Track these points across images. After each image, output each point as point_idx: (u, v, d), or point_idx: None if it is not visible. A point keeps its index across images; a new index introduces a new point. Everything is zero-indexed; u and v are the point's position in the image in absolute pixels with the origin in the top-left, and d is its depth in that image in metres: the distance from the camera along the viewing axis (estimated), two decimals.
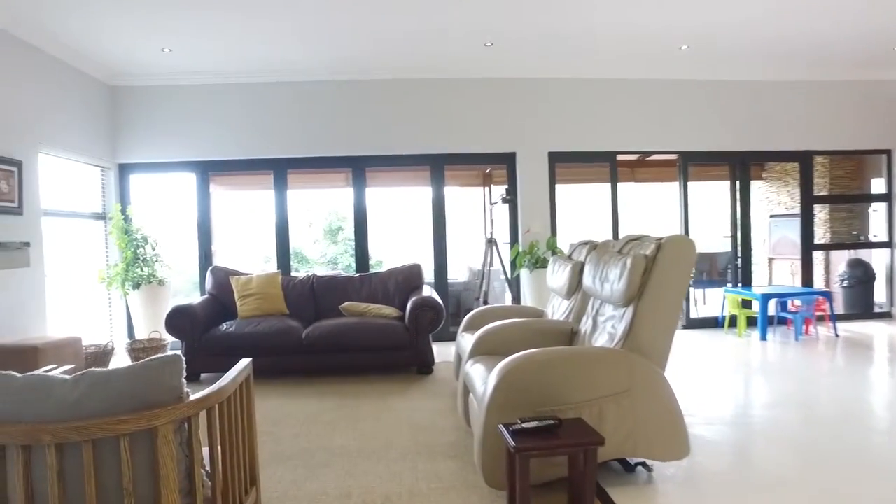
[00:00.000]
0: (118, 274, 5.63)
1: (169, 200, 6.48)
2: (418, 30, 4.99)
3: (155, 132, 6.06)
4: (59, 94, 5.19)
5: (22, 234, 4.61)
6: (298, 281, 5.51)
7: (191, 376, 4.83)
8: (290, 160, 6.17)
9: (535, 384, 2.44)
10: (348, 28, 4.90)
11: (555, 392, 2.44)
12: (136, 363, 1.62)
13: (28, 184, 4.72)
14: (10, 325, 4.47)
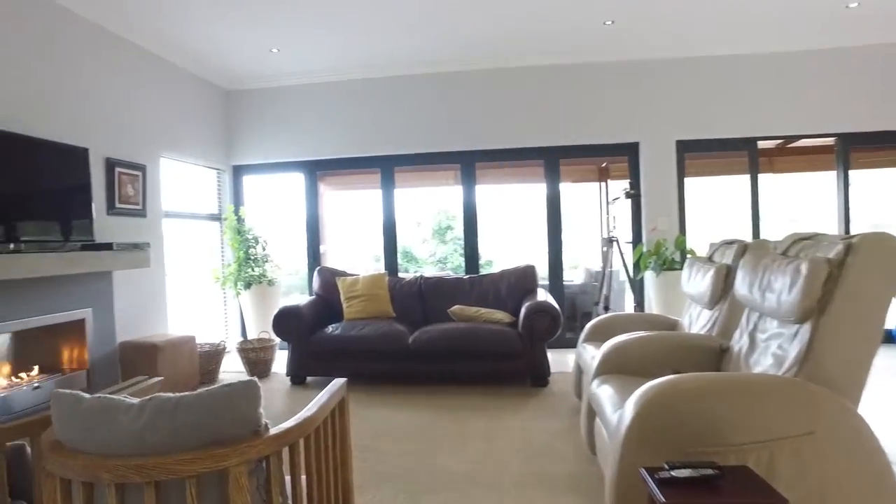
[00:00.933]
0: (231, 274, 5.72)
1: (279, 201, 6.53)
2: (530, 11, 4.57)
3: (266, 133, 6.12)
4: (179, 100, 5.33)
5: (145, 235, 4.75)
6: (406, 282, 5.29)
7: (297, 379, 4.75)
8: (397, 157, 5.98)
9: (684, 418, 1.96)
10: (454, 14, 4.59)
11: (711, 430, 1.95)
12: (206, 390, 1.37)
13: (151, 187, 4.86)
14: (134, 322, 4.60)
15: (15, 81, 3.64)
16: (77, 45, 4.15)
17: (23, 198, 3.50)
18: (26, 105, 3.71)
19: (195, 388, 4.30)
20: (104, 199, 4.33)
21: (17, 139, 3.48)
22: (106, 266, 3.91)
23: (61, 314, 3.76)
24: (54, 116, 3.92)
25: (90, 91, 4.25)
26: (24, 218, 3.50)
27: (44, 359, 3.84)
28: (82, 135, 4.13)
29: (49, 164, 3.69)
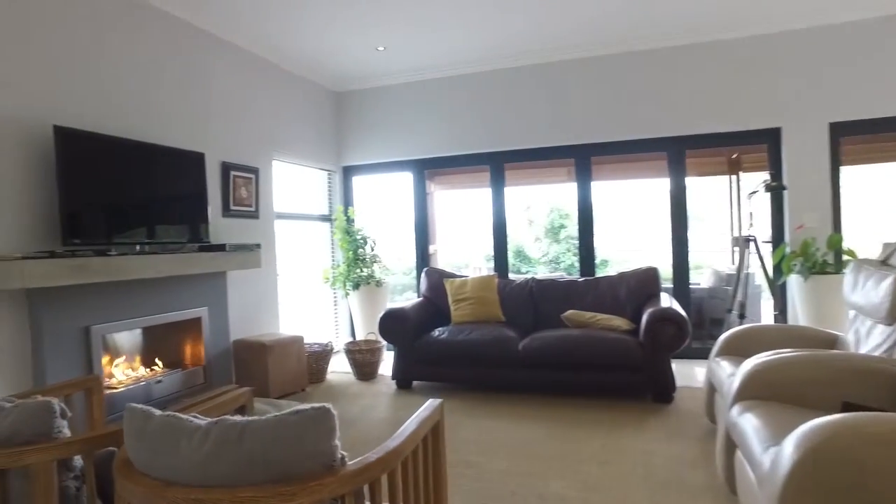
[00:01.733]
0: (340, 274, 5.75)
1: (388, 201, 6.50)
2: None
3: (374, 133, 6.10)
4: (290, 103, 5.43)
5: (258, 236, 4.86)
6: (516, 285, 5.01)
7: (402, 383, 4.64)
8: (507, 153, 5.71)
9: (870, 472, 1.53)
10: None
11: None
12: (275, 416, 1.19)
13: (263, 189, 4.97)
14: (247, 321, 4.72)
15: (141, 94, 3.81)
16: (194, 55, 4.30)
17: (148, 202, 3.65)
18: (151, 115, 3.88)
19: (303, 389, 4.30)
20: (219, 202, 4.47)
21: (144, 148, 3.63)
22: (219, 266, 4.00)
23: (182, 312, 3.90)
24: (175, 124, 4.08)
25: (206, 98, 4.40)
26: (150, 221, 3.65)
27: (167, 354, 4.00)
28: (199, 140, 4.28)
29: (171, 169, 3.83)
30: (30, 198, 3.12)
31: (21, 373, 3.05)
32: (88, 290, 3.26)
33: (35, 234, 3.14)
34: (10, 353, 3.00)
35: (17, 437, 1.46)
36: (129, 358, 3.80)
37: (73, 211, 3.16)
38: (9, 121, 3.03)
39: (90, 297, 3.28)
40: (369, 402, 4.31)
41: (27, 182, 3.11)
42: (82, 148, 3.25)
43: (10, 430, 1.45)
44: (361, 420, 3.87)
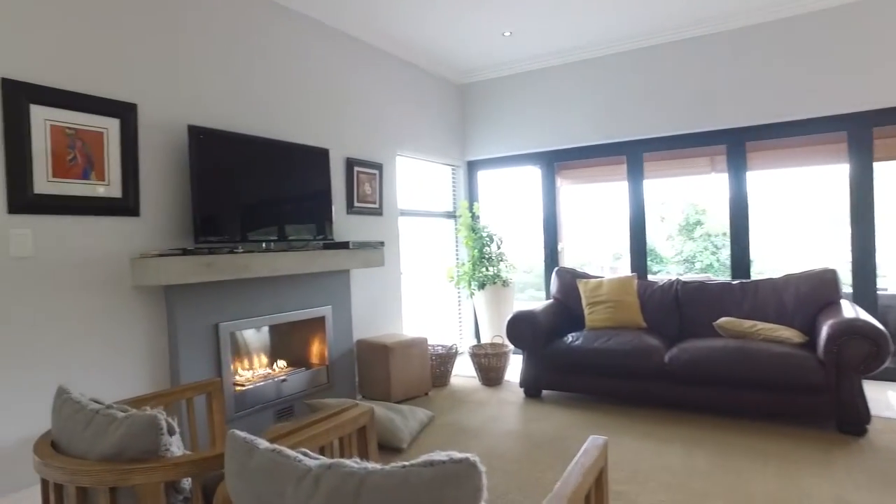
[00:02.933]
0: (465, 273, 5.51)
1: (514, 196, 6.17)
2: None
3: (499, 126, 5.80)
4: (414, 97, 5.28)
5: (381, 234, 4.75)
6: (658, 287, 4.47)
7: (531, 391, 4.29)
8: (646, 142, 5.15)
9: None
10: None
11: None
12: (401, 466, 0.91)
13: (387, 185, 4.85)
14: (370, 321, 4.62)
15: (268, 92, 3.80)
16: (319, 52, 4.24)
17: (275, 200, 3.62)
18: (277, 113, 3.86)
19: (426, 393, 4.09)
20: (344, 199, 4.39)
21: (271, 145, 3.61)
22: (342, 265, 3.90)
23: (306, 311, 3.84)
24: (300, 121, 4.04)
25: (331, 94, 4.33)
26: (277, 219, 3.62)
27: (291, 353, 3.98)
28: (324, 137, 4.22)
29: (297, 166, 3.78)
30: (169, 196, 3.17)
31: (159, 367, 3.10)
32: (217, 288, 3.27)
33: (174, 232, 3.18)
34: (152, 347, 3.06)
35: (126, 453, 1.32)
36: (256, 355, 3.81)
37: (205, 209, 3.16)
38: (150, 125, 3.08)
39: (219, 294, 3.28)
40: (495, 410, 4.02)
41: (166, 181, 3.16)
42: (214, 146, 3.25)
43: (119, 445, 1.31)
44: (486, 431, 3.58)
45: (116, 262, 2.93)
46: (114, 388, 2.91)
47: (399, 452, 3.24)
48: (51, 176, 2.69)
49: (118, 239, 2.94)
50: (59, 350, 2.72)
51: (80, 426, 1.40)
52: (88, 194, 2.82)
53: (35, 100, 2.64)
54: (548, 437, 3.44)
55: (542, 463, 3.04)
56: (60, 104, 2.72)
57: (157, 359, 3.09)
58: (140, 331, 3.02)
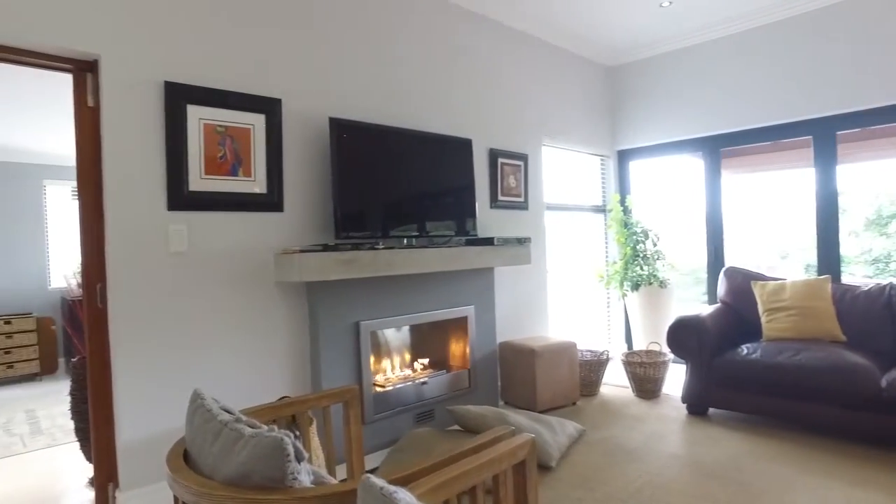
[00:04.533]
0: (616, 273, 5.03)
1: (670, 189, 5.55)
2: None
3: (654, 111, 5.23)
4: (560, 83, 4.90)
5: (526, 229, 4.45)
6: (862, 293, 3.71)
7: (695, 408, 3.75)
8: (840, 119, 4.32)
9: None
10: None
11: None
12: None
13: (532, 177, 4.54)
14: (514, 322, 4.35)
15: (409, 81, 3.67)
16: (459, 37, 4.04)
17: (417, 193, 3.47)
18: (418, 102, 3.71)
19: (574, 402, 3.71)
20: (487, 192, 4.15)
21: (413, 136, 3.46)
22: (486, 262, 3.65)
23: (448, 310, 3.66)
24: (442, 111, 3.86)
25: (472, 81, 4.11)
26: (418, 213, 3.47)
27: (432, 354, 3.82)
28: (466, 127, 4.01)
29: (439, 158, 3.60)
30: (310, 191, 3.13)
31: (299, 365, 3.06)
32: (358, 286, 3.17)
33: (315, 228, 3.14)
34: (293, 344, 3.03)
35: (251, 478, 1.15)
36: (395, 356, 3.69)
37: (347, 203, 3.08)
38: (293, 119, 3.06)
39: (360, 292, 3.18)
40: (654, 428, 3.55)
41: (308, 176, 3.12)
42: (355, 138, 3.16)
43: (244, 468, 1.15)
44: (648, 453, 3.14)
45: (261, 257, 2.93)
46: (255, 385, 2.91)
47: (547, 471, 2.92)
48: (203, 173, 2.72)
49: (263, 234, 2.94)
50: (206, 344, 2.76)
51: (208, 438, 1.27)
52: (236, 190, 2.83)
53: (191, 100, 2.69)
54: (721, 466, 2.93)
55: (720, 501, 2.56)
56: (212, 103, 2.76)
57: (297, 356, 3.06)
58: (281, 327, 3.00)
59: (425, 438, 3.07)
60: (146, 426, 2.57)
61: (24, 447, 3.80)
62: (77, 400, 2.93)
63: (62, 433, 4.03)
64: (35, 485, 3.15)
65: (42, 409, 4.79)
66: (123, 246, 2.52)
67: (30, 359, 6.00)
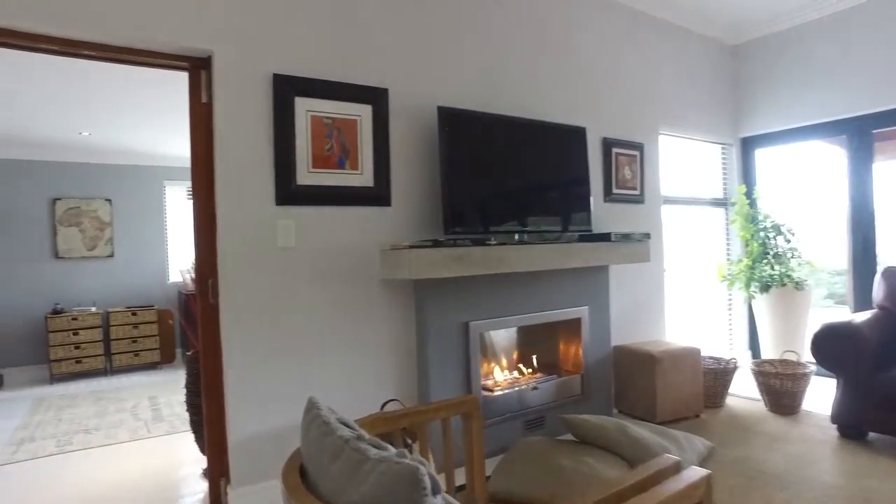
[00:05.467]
0: (741, 272, 4.55)
1: (803, 177, 4.94)
2: None
3: (784, 91, 4.67)
4: (678, 65, 4.49)
5: (642, 224, 4.11)
6: None
7: (849, 431, 3.27)
8: None
9: None
10: None
11: None
12: None
13: (648, 168, 4.19)
14: (628, 325, 4.02)
15: (518, 67, 3.45)
16: (573, 18, 3.77)
17: (528, 185, 3.25)
18: (530, 89, 3.49)
19: (698, 415, 3.33)
20: (600, 184, 3.86)
21: (524, 125, 3.25)
22: (602, 260, 3.37)
23: (560, 311, 3.41)
24: (553, 97, 3.62)
25: (584, 65, 3.83)
26: (530, 207, 3.25)
27: (541, 358, 3.59)
28: (579, 114, 3.74)
29: (551, 148, 3.36)
30: (417, 184, 3.00)
31: (405, 367, 2.94)
32: (467, 284, 3.00)
33: (422, 222, 3.01)
34: (398, 344, 2.92)
35: None
36: (503, 359, 3.49)
37: (456, 196, 2.91)
38: (399, 110, 2.94)
39: (469, 291, 3.01)
40: (798, 449, 3.12)
41: (414, 168, 2.99)
42: (464, 128, 2.99)
43: (372, 498, 0.99)
44: (798, 481, 2.74)
45: (367, 253, 2.83)
46: (361, 386, 2.82)
47: None
48: (311, 167, 2.65)
49: (369, 229, 2.84)
50: (313, 341, 2.69)
51: (327, 455, 1.13)
52: (343, 184, 2.74)
53: (299, 92, 2.63)
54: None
55: None
56: (320, 94, 2.68)
57: (403, 357, 2.94)
58: (388, 326, 2.89)
59: (538, 448, 2.85)
60: (256, 423, 2.54)
61: (147, 432, 3.98)
62: (191, 393, 2.98)
63: (179, 421, 4.19)
64: (156, 470, 3.26)
65: (163, 397, 5.03)
66: (234, 241, 2.50)
67: (152, 348, 6.37)
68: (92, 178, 6.43)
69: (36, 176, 6.16)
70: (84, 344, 6.00)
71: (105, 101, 4.45)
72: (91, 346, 6.03)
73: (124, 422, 4.28)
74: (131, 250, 6.63)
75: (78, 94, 4.28)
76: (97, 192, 6.46)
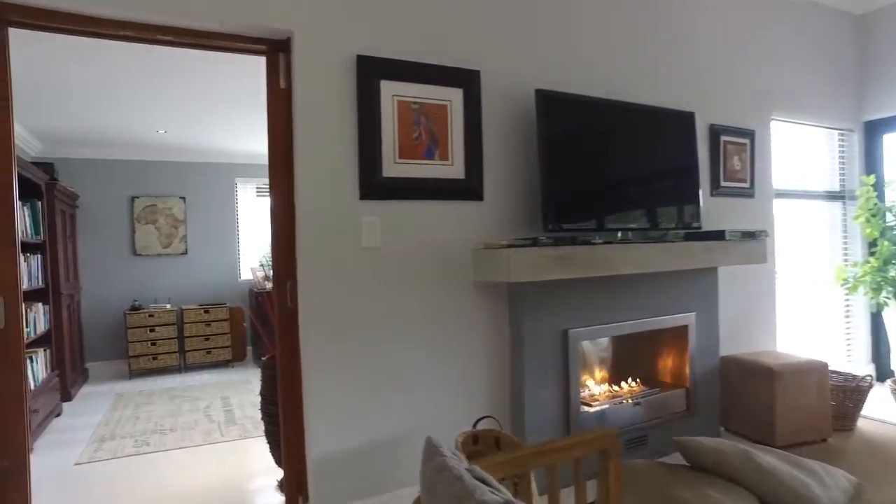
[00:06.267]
0: (866, 274, 4.01)
1: None
2: None
3: None
4: (794, 43, 3.99)
5: (751, 220, 3.67)
6: None
7: None
8: None
9: None
10: None
11: None
12: None
13: (759, 158, 3.73)
14: (736, 333, 3.60)
15: (618, 45, 3.09)
16: None
17: (633, 178, 2.90)
18: (635, 72, 3.13)
19: (825, 439, 2.76)
20: (707, 177, 3.45)
21: (630, 110, 2.90)
22: (715, 261, 2.97)
23: (666, 318, 3.03)
24: (660, 80, 3.24)
25: (690, 42, 3.42)
26: (635, 202, 2.90)
27: (640, 369, 3.23)
28: (685, 97, 3.34)
29: (657, 136, 2.99)
30: (511, 176, 2.70)
31: (498, 379, 2.66)
32: (566, 287, 2.68)
33: (517, 218, 2.71)
34: (490, 355, 2.64)
35: None
36: (596, 369, 3.16)
37: (556, 190, 2.60)
38: (491, 94, 2.65)
39: (566, 295, 2.69)
40: None
41: (508, 158, 2.70)
42: (564, 113, 2.67)
43: None
44: None
45: (457, 253, 2.56)
46: (450, 400, 2.55)
47: None
48: (397, 157, 2.41)
49: (460, 226, 2.57)
50: (400, 351, 2.45)
51: None
52: (432, 176, 2.48)
53: (385, 74, 2.38)
54: None
55: None
56: (407, 77, 2.43)
57: (495, 368, 2.65)
58: (479, 335, 2.61)
59: (649, 476, 2.50)
60: (339, 440, 2.32)
61: (221, 436, 3.87)
62: (266, 401, 2.80)
63: (252, 425, 4.06)
64: (230, 477, 3.11)
65: (235, 398, 4.95)
66: (314, 241, 2.28)
67: (224, 346, 6.36)
68: (167, 176, 6.48)
69: (117, 175, 6.26)
70: (160, 340, 6.04)
71: (181, 98, 4.39)
72: (166, 343, 6.07)
73: (198, 423, 4.20)
74: (204, 248, 6.65)
75: (156, 92, 4.23)
76: (172, 189, 6.50)
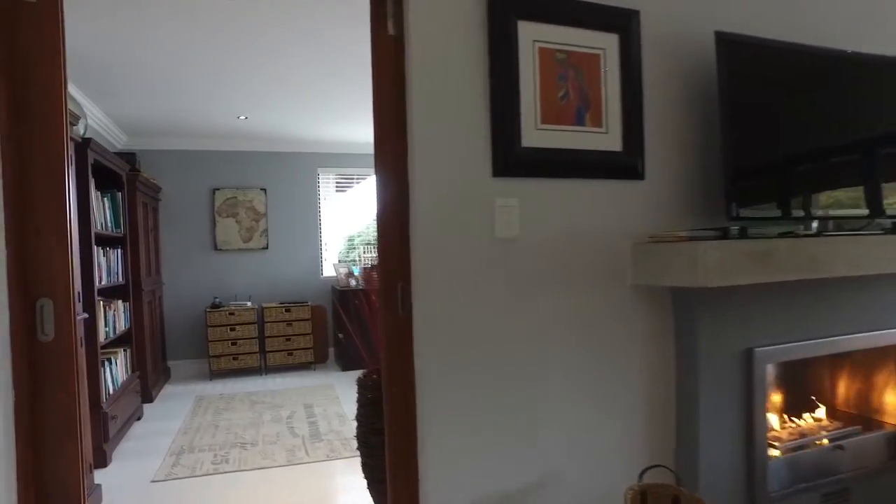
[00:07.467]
0: None
1: None
2: None
3: None
4: None
5: None
6: None
7: None
8: None
9: None
10: None
11: None
12: None
13: None
14: None
15: None
16: None
17: (845, 151, 2.20)
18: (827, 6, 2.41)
19: None
20: None
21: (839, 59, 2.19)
22: None
23: (876, 334, 2.31)
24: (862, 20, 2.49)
25: None
26: (847, 180, 2.21)
27: (839, 400, 2.52)
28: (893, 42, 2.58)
29: (876, 94, 2.26)
30: (680, 150, 2.07)
31: (658, 414, 2.03)
32: (747, 293, 2.02)
33: (688, 203, 2.08)
34: (655, 379, 2.02)
35: None
36: (781, 399, 2.47)
37: (744, 165, 1.95)
38: (653, 41, 2.02)
39: (749, 303, 2.03)
40: None
41: (676, 126, 2.07)
42: (755, 64, 2.00)
43: None
44: None
45: (609, 247, 1.96)
46: (600, 440, 1.96)
47: None
48: (539, 122, 1.83)
49: (613, 213, 1.96)
50: (539, 373, 1.87)
51: None
52: (582, 147, 1.89)
53: (522, 14, 1.81)
54: None
55: None
56: (550, 17, 1.85)
57: (657, 398, 2.03)
58: (636, 355, 2.00)
59: None
60: (462, 486, 1.78)
61: (306, 455, 3.46)
62: (365, 430, 2.30)
63: (340, 443, 3.63)
64: None
65: (318, 406, 4.56)
66: (434, 231, 1.74)
67: (306, 347, 6.02)
68: (248, 166, 6.21)
69: (198, 166, 6.04)
70: (240, 340, 5.77)
71: (264, 77, 4.02)
72: (247, 343, 5.80)
73: (281, 436, 3.81)
74: (285, 242, 6.34)
75: (237, 72, 3.88)
76: (253, 181, 6.23)
